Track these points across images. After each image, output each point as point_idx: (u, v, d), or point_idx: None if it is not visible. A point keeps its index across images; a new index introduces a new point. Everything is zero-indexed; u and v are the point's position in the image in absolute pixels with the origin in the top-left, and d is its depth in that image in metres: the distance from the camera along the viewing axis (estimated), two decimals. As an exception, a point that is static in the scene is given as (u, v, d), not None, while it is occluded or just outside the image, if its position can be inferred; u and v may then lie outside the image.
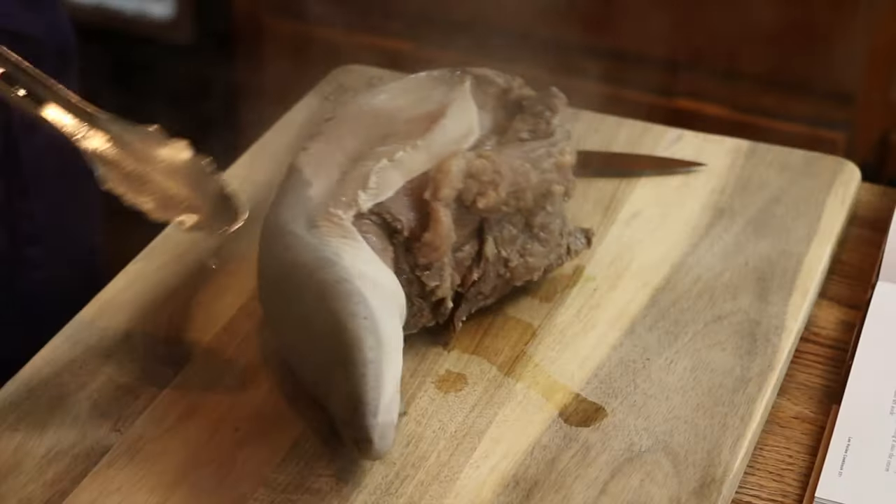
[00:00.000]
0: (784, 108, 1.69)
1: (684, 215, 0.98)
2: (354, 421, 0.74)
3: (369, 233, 0.83)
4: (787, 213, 0.98)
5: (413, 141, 0.85)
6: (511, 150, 0.86)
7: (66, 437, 0.80)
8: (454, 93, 0.90)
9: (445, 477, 0.77)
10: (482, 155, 0.85)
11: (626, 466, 0.78)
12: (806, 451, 0.82)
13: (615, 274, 0.92)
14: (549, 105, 0.90)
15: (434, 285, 0.84)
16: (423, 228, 0.83)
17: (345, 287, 0.77)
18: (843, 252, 0.98)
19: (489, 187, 0.84)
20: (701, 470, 0.78)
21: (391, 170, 0.84)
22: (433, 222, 0.83)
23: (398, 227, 0.83)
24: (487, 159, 0.85)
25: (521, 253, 0.87)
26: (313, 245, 0.80)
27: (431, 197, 0.83)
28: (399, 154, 0.84)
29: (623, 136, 1.06)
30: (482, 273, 0.86)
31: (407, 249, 0.84)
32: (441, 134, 0.86)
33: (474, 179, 0.84)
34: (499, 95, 0.91)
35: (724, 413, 0.81)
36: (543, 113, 0.89)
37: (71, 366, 0.85)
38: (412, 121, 0.87)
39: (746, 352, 0.86)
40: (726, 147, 1.05)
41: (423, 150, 0.85)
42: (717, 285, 0.91)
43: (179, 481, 0.77)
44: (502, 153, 0.86)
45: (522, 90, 0.91)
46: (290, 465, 0.78)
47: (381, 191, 0.84)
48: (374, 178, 0.83)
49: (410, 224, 0.84)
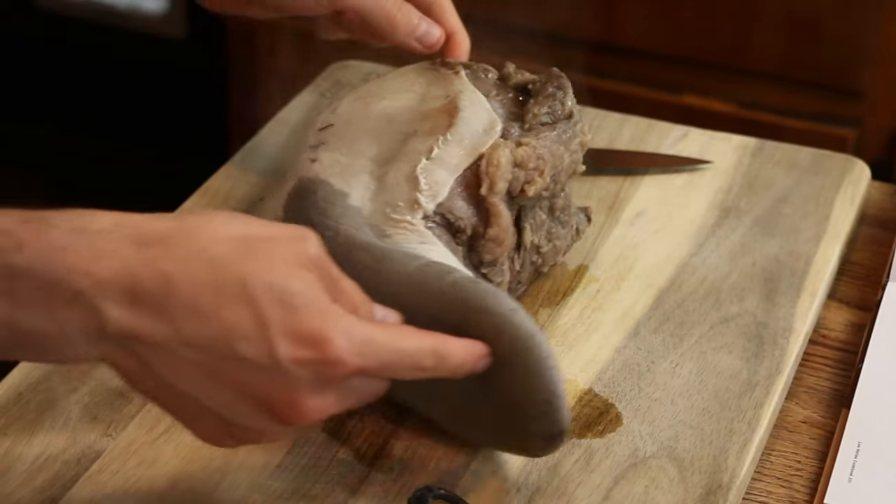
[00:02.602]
0: (792, 105, 1.69)
1: (689, 214, 0.98)
2: (549, 415, 0.73)
3: (437, 235, 0.83)
4: (795, 213, 0.98)
5: (441, 136, 0.85)
6: (544, 133, 0.87)
7: (56, 443, 0.80)
8: (455, 85, 0.90)
9: (445, 483, 0.77)
10: (522, 143, 0.86)
11: (631, 472, 0.78)
12: (815, 456, 0.82)
13: (619, 275, 0.92)
14: (559, 85, 0.91)
15: (498, 281, 0.85)
16: (483, 225, 0.84)
17: (479, 285, 0.75)
18: (853, 252, 0.98)
19: (535, 174, 0.86)
20: (707, 476, 0.78)
21: (436, 168, 0.84)
22: (494, 217, 0.84)
23: (461, 225, 0.84)
24: (528, 146, 0.86)
25: (549, 238, 0.89)
26: (403, 253, 0.79)
27: (488, 192, 0.84)
28: (435, 151, 0.85)
29: (627, 134, 1.06)
30: (522, 262, 0.87)
31: (469, 248, 0.84)
32: (465, 126, 0.86)
33: (520, 168, 0.85)
34: (497, 83, 0.91)
35: (730, 418, 0.81)
36: (556, 94, 0.90)
37: (61, 369, 0.84)
38: (428, 118, 0.87)
39: (753, 354, 0.86)
40: (733, 144, 1.05)
41: (456, 145, 0.85)
42: (724, 286, 0.91)
43: (172, 488, 0.77)
44: (538, 139, 0.87)
45: (521, 75, 0.92)
46: (286, 471, 0.78)
47: (436, 191, 0.84)
48: (424, 179, 0.83)
49: (472, 222, 0.84)
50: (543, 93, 0.90)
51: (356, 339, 0.66)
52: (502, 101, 0.90)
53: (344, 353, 0.65)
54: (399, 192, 0.83)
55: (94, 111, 2.15)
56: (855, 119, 1.68)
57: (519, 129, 0.88)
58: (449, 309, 0.74)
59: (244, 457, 0.79)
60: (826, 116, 1.69)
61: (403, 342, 0.68)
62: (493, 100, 0.90)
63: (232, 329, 0.64)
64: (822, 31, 1.66)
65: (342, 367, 0.66)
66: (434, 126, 0.86)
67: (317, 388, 0.66)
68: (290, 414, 0.66)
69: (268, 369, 0.65)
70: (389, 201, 0.83)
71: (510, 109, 0.90)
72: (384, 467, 0.78)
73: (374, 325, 0.68)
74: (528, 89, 0.91)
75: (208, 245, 0.65)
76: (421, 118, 0.87)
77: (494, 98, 0.90)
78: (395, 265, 0.78)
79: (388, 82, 0.92)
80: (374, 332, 0.67)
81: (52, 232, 0.65)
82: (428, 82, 0.91)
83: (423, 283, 0.76)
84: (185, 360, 0.65)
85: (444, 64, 0.92)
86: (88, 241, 0.65)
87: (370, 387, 0.69)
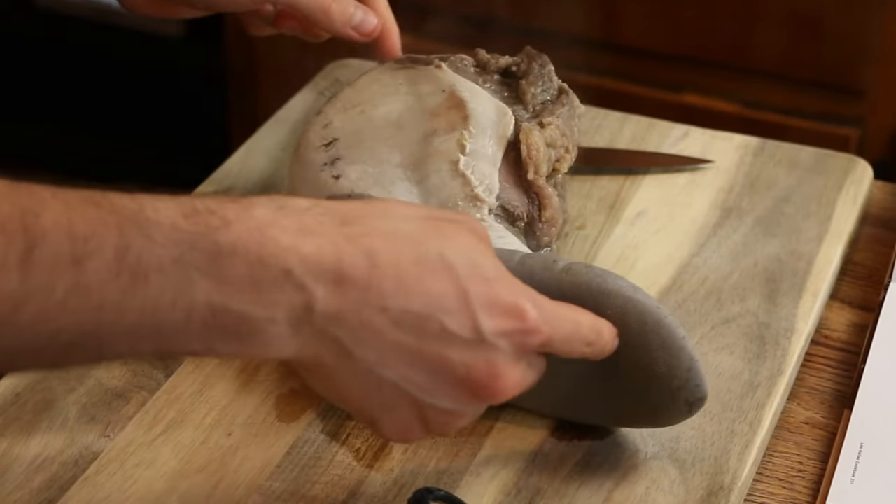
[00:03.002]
0: (794, 104, 1.69)
1: (691, 214, 0.98)
2: (691, 381, 0.75)
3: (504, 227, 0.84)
4: (797, 213, 0.98)
5: (464, 130, 0.86)
6: (559, 111, 0.90)
7: (53, 444, 0.80)
8: (444, 79, 0.89)
9: (445, 485, 0.77)
10: (545, 123, 0.88)
11: (632, 474, 0.78)
12: (817, 457, 0.82)
13: (620, 274, 0.92)
14: (542, 62, 0.92)
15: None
16: (537, 209, 0.86)
17: (592, 268, 0.76)
18: (855, 252, 0.98)
19: (563, 151, 0.89)
20: (708, 477, 0.78)
21: (476, 162, 0.85)
22: (546, 199, 0.86)
23: (519, 213, 0.85)
24: (553, 126, 0.88)
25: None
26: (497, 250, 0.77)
27: (535, 175, 0.86)
28: (468, 145, 0.85)
29: (628, 133, 1.06)
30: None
31: (526, 234, 0.86)
32: (480, 116, 0.87)
33: (551, 147, 0.88)
34: (477, 70, 0.92)
35: (732, 419, 0.81)
36: (543, 71, 0.92)
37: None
38: (438, 115, 0.87)
39: (755, 355, 0.86)
40: (734, 144, 1.05)
41: (482, 136, 0.86)
42: (725, 287, 0.91)
43: (171, 489, 0.77)
44: (556, 117, 0.89)
45: (498, 60, 0.92)
46: (286, 472, 0.78)
47: (488, 184, 0.85)
48: (472, 175, 0.84)
49: (527, 208, 0.86)
50: (532, 72, 0.91)
51: (546, 309, 0.68)
52: (491, 87, 0.91)
53: (540, 322, 0.67)
54: (450, 191, 0.84)
55: (93, 110, 2.15)
56: (857, 118, 1.68)
57: (523, 110, 0.89)
58: (567, 297, 0.74)
59: (242, 458, 0.79)
60: (828, 116, 1.68)
61: (579, 315, 0.71)
62: (482, 86, 0.90)
63: (437, 302, 0.65)
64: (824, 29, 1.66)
65: (538, 336, 0.67)
66: (450, 122, 0.87)
67: (514, 360, 0.67)
68: (493, 388, 0.67)
69: (471, 343, 0.66)
70: (446, 202, 0.84)
71: (502, 94, 0.91)
72: (383, 468, 0.78)
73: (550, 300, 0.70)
74: (513, 72, 0.91)
75: (402, 223, 0.67)
76: (430, 117, 0.87)
77: (482, 85, 0.90)
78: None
79: (369, 88, 0.91)
80: (554, 304, 0.69)
81: (258, 210, 0.64)
82: (410, 81, 0.90)
83: (531, 275, 0.76)
84: (389, 342, 0.65)
85: (413, 60, 0.92)
86: (295, 217, 0.64)
87: (542, 364, 0.70)
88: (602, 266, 0.92)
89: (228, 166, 1.02)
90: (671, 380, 0.75)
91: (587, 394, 0.78)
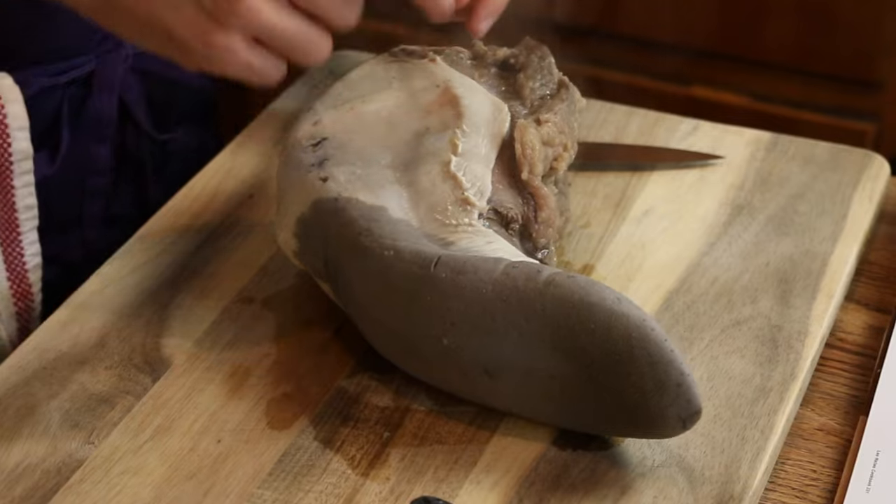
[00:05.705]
0: (808, 98, 1.69)
1: (700, 212, 0.98)
2: (682, 397, 0.75)
3: (496, 231, 0.83)
4: (810, 210, 0.98)
5: (457, 129, 0.85)
6: (557, 107, 0.89)
7: (35, 450, 0.80)
8: (439, 73, 0.89)
9: (444, 493, 0.77)
10: (542, 120, 0.87)
11: (638, 482, 0.78)
12: (831, 465, 0.82)
13: (626, 275, 0.92)
14: (542, 54, 0.92)
15: (552, 265, 0.86)
16: (533, 210, 0.86)
17: (575, 279, 0.76)
18: (871, 252, 0.98)
19: (561, 149, 0.88)
20: (718, 486, 0.78)
21: (468, 163, 0.85)
22: (541, 200, 0.86)
23: (513, 216, 0.85)
24: (550, 123, 0.87)
25: (560, 211, 0.89)
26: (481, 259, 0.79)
27: (530, 175, 0.86)
28: (460, 145, 0.85)
29: (635, 127, 1.06)
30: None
31: (521, 236, 0.85)
32: (474, 114, 0.86)
33: (547, 145, 0.87)
34: (475, 64, 0.92)
35: (742, 425, 0.81)
36: (542, 64, 0.91)
37: (41, 373, 0.85)
38: (431, 112, 0.87)
39: (767, 359, 0.86)
40: (746, 139, 1.05)
41: (475, 135, 0.86)
42: (736, 287, 0.91)
43: (157, 498, 0.77)
44: (554, 113, 0.88)
45: (496, 52, 0.92)
46: (277, 480, 0.78)
47: (480, 186, 0.84)
48: (463, 177, 0.84)
49: (521, 210, 0.85)
50: (531, 66, 0.91)
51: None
52: (488, 81, 0.90)
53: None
54: (440, 194, 0.83)
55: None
56: (874, 112, 1.68)
57: (521, 106, 0.88)
58: (549, 310, 0.75)
59: (232, 465, 0.79)
60: (843, 110, 1.69)
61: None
62: (478, 81, 0.90)
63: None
64: (838, 19, 1.66)
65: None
66: (443, 120, 0.86)
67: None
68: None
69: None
70: (435, 206, 0.83)
71: (499, 88, 0.90)
72: (379, 476, 0.78)
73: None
74: (511, 64, 0.91)
75: None
76: (423, 114, 0.87)
77: (479, 79, 0.90)
78: (478, 274, 0.78)
79: (360, 83, 0.91)
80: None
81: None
82: (403, 75, 0.90)
83: (514, 287, 0.76)
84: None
85: (408, 53, 0.92)
86: None
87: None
88: (608, 266, 0.93)
89: (218, 162, 1.02)
90: (661, 396, 0.75)
91: (582, 405, 0.78)
